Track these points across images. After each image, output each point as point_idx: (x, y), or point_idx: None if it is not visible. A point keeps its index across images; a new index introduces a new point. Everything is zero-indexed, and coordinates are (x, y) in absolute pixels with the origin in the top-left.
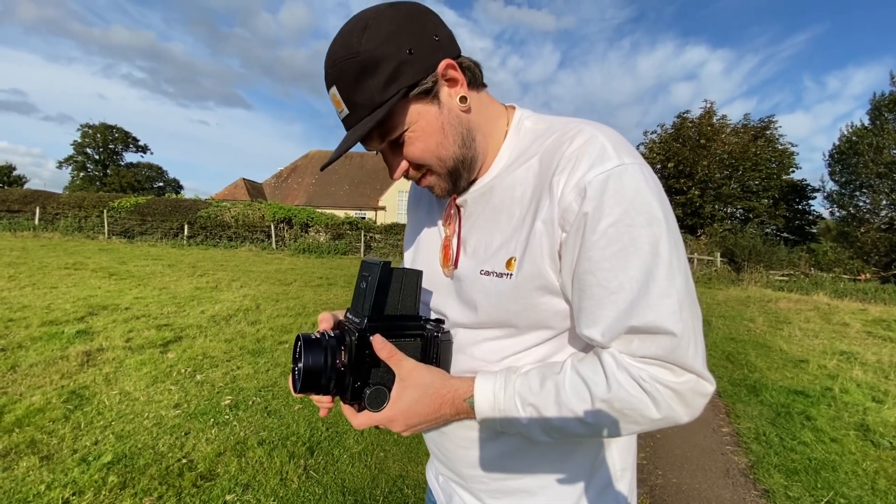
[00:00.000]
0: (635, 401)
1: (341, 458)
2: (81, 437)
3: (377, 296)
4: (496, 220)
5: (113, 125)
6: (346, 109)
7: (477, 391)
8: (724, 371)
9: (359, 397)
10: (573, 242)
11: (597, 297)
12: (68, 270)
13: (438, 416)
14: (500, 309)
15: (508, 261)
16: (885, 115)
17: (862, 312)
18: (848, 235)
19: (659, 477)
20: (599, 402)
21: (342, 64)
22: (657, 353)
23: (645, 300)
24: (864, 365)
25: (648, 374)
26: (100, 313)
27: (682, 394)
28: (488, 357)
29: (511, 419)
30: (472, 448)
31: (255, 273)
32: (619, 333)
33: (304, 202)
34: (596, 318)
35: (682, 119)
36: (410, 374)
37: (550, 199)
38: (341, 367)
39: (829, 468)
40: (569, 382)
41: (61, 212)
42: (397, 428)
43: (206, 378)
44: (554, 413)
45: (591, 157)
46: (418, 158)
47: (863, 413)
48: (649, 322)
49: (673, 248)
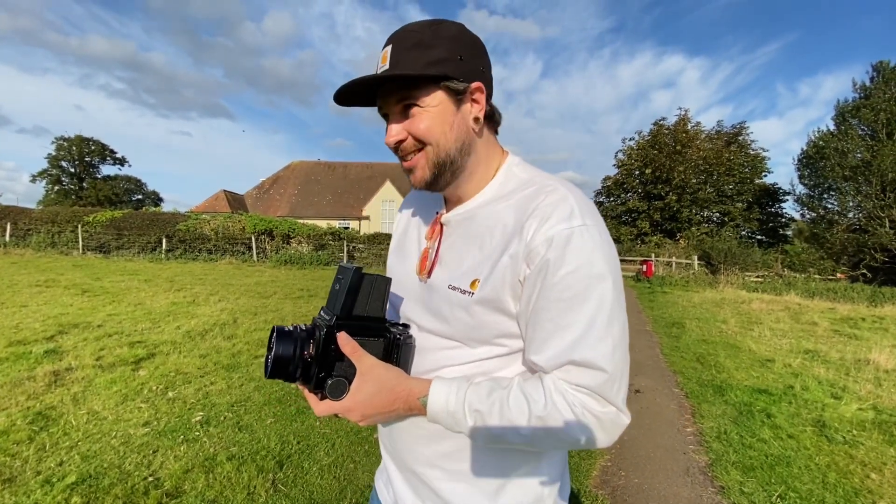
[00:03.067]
0: (564, 421)
1: (311, 471)
2: (46, 459)
3: (347, 297)
4: (469, 246)
5: (89, 137)
6: (388, 66)
7: (432, 393)
8: (694, 372)
9: (321, 387)
10: (534, 281)
11: (547, 331)
12: (39, 288)
13: (392, 410)
14: (458, 321)
15: (473, 281)
16: (849, 121)
17: (830, 311)
18: (818, 237)
19: (621, 478)
20: (535, 419)
21: (406, 33)
22: (589, 384)
23: (586, 340)
24: (827, 363)
25: (579, 401)
26: (70, 332)
27: (604, 422)
28: (443, 363)
29: (457, 421)
30: (423, 444)
31: (234, 286)
32: (561, 364)
33: (287, 213)
34: (544, 347)
35: (659, 126)
36: (370, 370)
37: (520, 239)
38: (308, 358)
39: (783, 463)
40: (513, 397)
41: (34, 227)
42: (354, 417)
43: (178, 395)
44: (496, 422)
45: (560, 214)
46: (420, 133)
47: (821, 409)
48: (587, 359)
49: (615, 300)
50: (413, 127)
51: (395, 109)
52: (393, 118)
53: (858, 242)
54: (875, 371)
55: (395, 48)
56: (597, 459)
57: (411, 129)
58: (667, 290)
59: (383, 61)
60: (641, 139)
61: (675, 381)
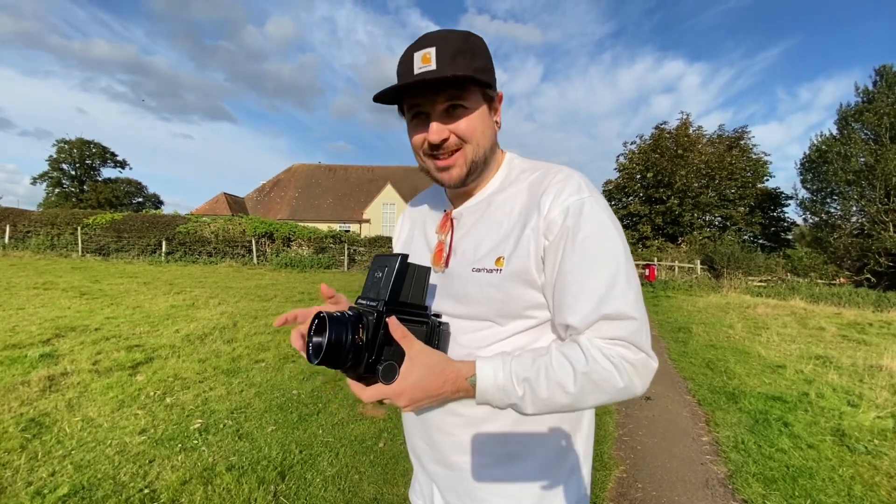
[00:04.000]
0: (606, 373)
1: (314, 482)
2: (38, 469)
3: (395, 284)
4: (485, 231)
5: (90, 140)
6: (433, 66)
7: (479, 370)
8: (705, 379)
9: (372, 371)
10: (555, 249)
11: (574, 292)
12: (37, 290)
13: (440, 393)
14: (489, 299)
15: (497, 259)
16: (851, 125)
17: (837, 316)
18: (821, 241)
19: (639, 490)
20: (580, 376)
21: (447, 39)
22: (622, 335)
23: (613, 294)
24: (840, 369)
25: (616, 353)
26: (67, 335)
27: (638, 368)
28: (474, 344)
29: (507, 394)
30: (462, 431)
31: (234, 289)
32: (594, 320)
33: (288, 216)
34: (575, 308)
35: (660, 130)
36: (419, 354)
37: (538, 214)
38: (359, 343)
39: (806, 475)
40: (555, 360)
41: (33, 229)
42: (402, 402)
43: (177, 401)
44: (544, 387)
45: (571, 188)
46: (464, 132)
47: (839, 418)
48: (618, 310)
49: (628, 259)
50: (459, 126)
51: (440, 109)
52: (436, 117)
53: (862, 247)
54: (889, 378)
55: (441, 52)
56: (612, 471)
57: (456, 129)
58: (670, 294)
59: (425, 62)
60: (643, 143)
61: (686, 388)
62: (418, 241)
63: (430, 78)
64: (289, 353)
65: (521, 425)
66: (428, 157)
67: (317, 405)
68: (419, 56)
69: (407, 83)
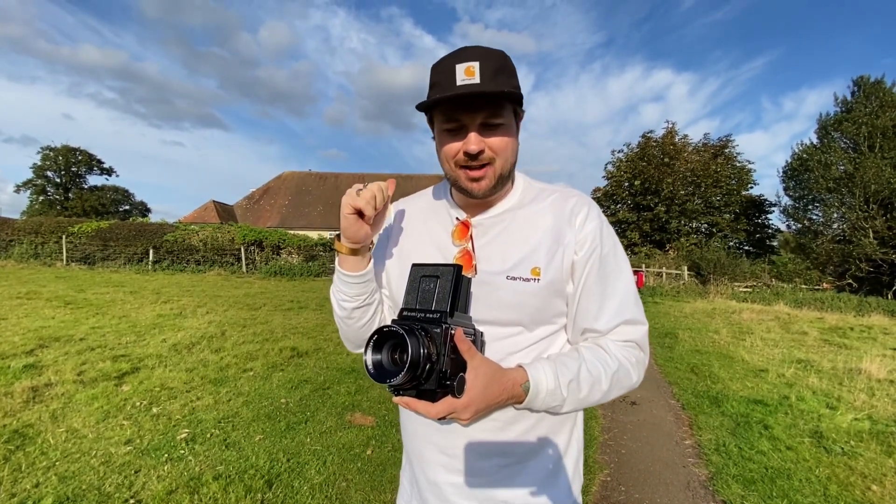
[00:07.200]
0: (626, 371)
1: (301, 490)
2: (21, 480)
3: (454, 295)
4: (512, 240)
5: (76, 147)
6: (477, 80)
7: (533, 377)
8: (689, 383)
9: (443, 385)
10: (583, 262)
11: (599, 301)
12: (20, 300)
13: (499, 401)
14: (525, 305)
15: (533, 269)
16: (831, 134)
17: (819, 321)
18: (805, 247)
19: (622, 493)
20: (612, 375)
21: (487, 56)
22: (636, 337)
23: (628, 302)
24: (820, 372)
25: (630, 353)
26: (51, 345)
27: (643, 365)
28: (509, 349)
29: (555, 397)
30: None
31: (222, 298)
32: (617, 324)
33: (277, 224)
34: (601, 315)
35: (647, 139)
36: (480, 366)
37: (571, 230)
38: (434, 357)
39: (784, 476)
40: (589, 362)
41: (16, 238)
42: (466, 415)
43: (163, 411)
44: (584, 387)
45: (592, 211)
46: (498, 147)
47: (817, 420)
48: (635, 316)
49: (630, 268)
50: (494, 142)
51: (479, 121)
52: (474, 129)
53: (843, 253)
54: (867, 381)
55: (484, 67)
56: (596, 475)
57: (491, 143)
58: (658, 300)
59: (469, 74)
60: (630, 151)
61: (671, 393)
62: (422, 241)
63: (477, 91)
64: (277, 362)
65: (541, 423)
66: (460, 168)
67: (305, 414)
68: (462, 68)
69: (456, 94)
